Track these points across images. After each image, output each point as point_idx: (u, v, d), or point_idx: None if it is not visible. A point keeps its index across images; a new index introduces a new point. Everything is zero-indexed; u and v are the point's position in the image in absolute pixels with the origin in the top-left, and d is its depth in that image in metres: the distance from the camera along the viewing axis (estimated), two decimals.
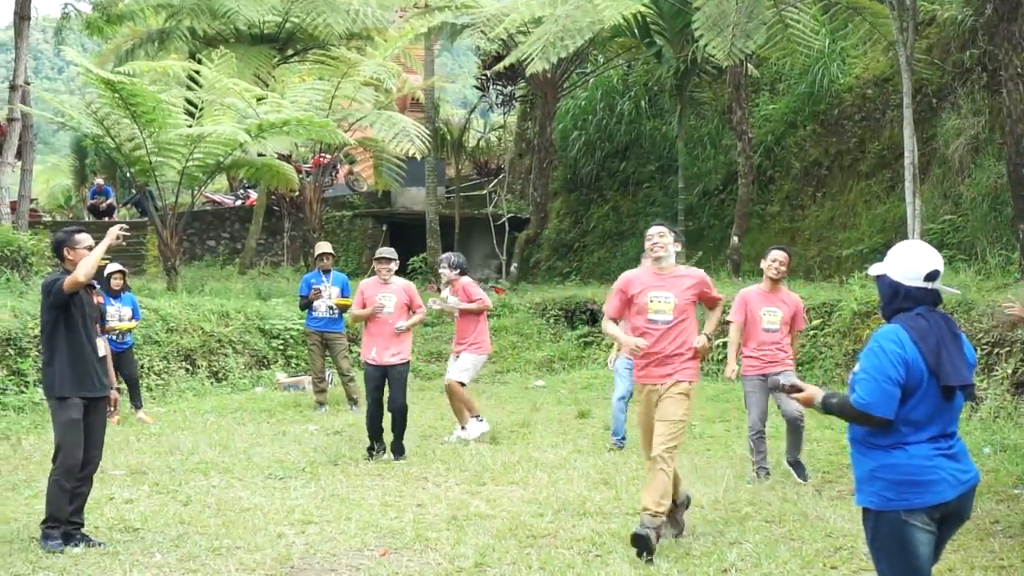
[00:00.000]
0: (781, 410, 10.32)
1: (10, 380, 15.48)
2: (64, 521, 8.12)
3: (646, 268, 8.77)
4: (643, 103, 28.35)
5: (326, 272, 16.00)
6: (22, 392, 15.34)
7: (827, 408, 4.99)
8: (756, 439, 10.42)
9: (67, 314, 8.19)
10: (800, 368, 16.85)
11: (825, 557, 7.58)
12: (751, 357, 10.45)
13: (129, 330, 15.06)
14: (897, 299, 5.01)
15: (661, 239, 8.17)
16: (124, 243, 8.46)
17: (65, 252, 8.20)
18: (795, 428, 10.25)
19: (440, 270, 13.74)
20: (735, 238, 22.04)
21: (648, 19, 22.61)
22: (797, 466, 10.38)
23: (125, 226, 8.30)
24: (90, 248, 8.21)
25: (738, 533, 8.24)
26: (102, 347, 8.41)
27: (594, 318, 21.39)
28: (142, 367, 17.11)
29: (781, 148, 24.88)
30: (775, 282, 10.57)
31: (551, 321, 22.18)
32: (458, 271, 13.41)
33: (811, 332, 16.96)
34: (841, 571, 7.32)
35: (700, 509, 9.03)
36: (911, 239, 16.30)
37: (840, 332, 16.39)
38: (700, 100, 26.93)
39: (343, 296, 15.77)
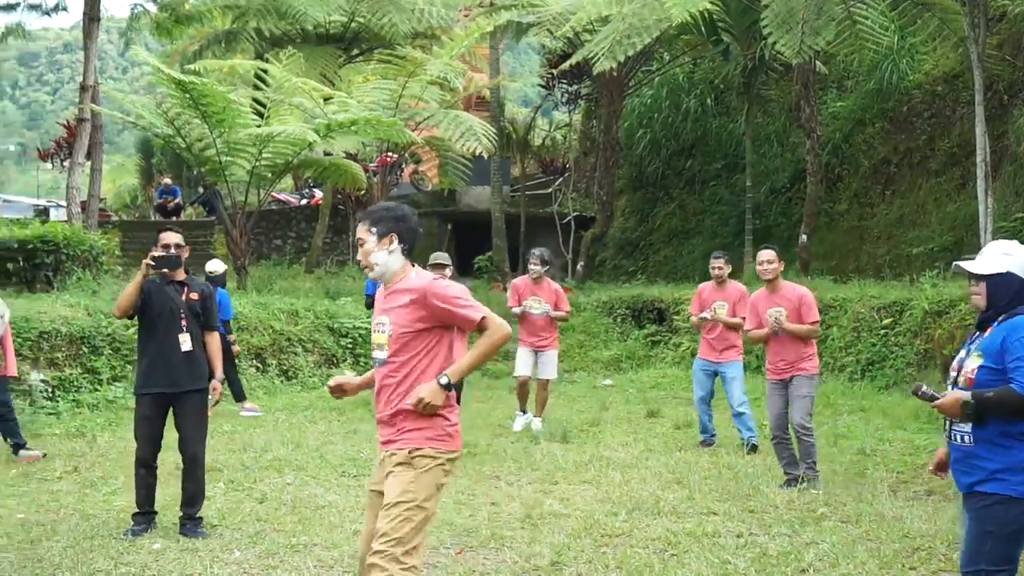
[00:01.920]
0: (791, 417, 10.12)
1: (84, 378, 15.69)
2: (142, 510, 8.45)
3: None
4: (709, 101, 28.23)
5: None
6: (96, 390, 15.55)
7: (983, 404, 5.01)
8: (775, 444, 10.24)
9: (142, 315, 8.49)
10: (871, 368, 16.75)
11: (903, 558, 7.51)
12: (769, 362, 10.27)
13: None
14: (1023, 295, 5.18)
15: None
16: (175, 252, 8.56)
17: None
18: (799, 438, 10.02)
19: (531, 266, 13.84)
20: (803, 236, 21.89)
21: (715, 16, 22.50)
22: (809, 469, 10.03)
23: (155, 255, 8.40)
24: (166, 246, 8.46)
25: (814, 533, 8.17)
26: (187, 342, 8.48)
27: (661, 317, 21.34)
28: None
29: (849, 146, 24.68)
30: (771, 282, 10.22)
31: (618, 320, 22.13)
32: (546, 268, 13.63)
33: (882, 332, 16.82)
34: (920, 572, 7.25)
35: (775, 509, 8.98)
36: (984, 237, 16.16)
37: (911, 332, 16.23)
38: (767, 97, 26.75)
39: None
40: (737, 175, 26.05)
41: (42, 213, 36.47)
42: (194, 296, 8.62)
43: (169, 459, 11.38)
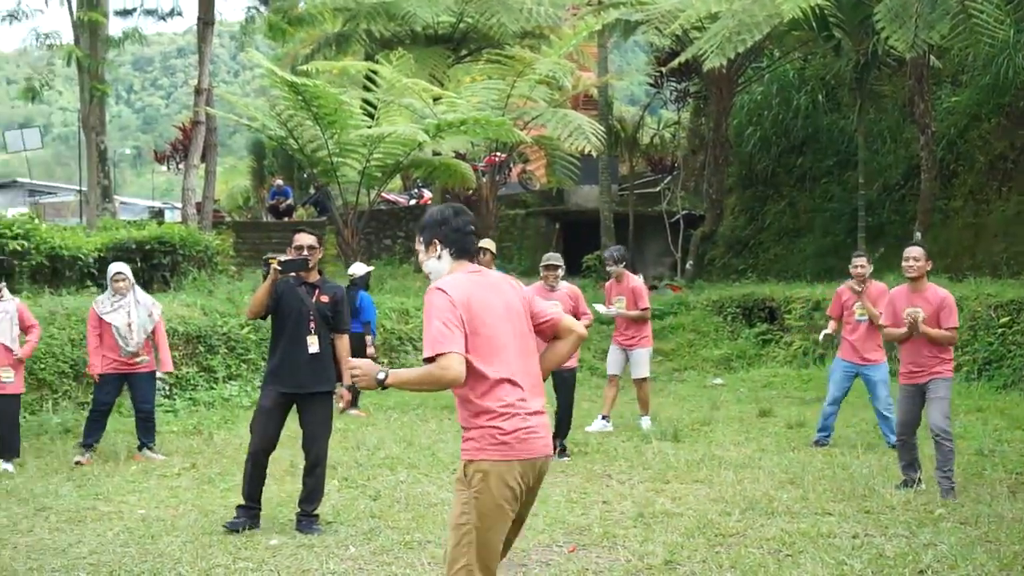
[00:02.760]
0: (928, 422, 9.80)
1: (200, 376, 16.01)
2: (246, 503, 8.60)
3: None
4: (820, 97, 27.90)
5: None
6: (212, 388, 15.86)
7: None
8: (900, 446, 9.91)
9: (274, 315, 8.68)
10: (988, 367, 16.44)
11: None
12: (903, 364, 9.89)
13: None
14: None
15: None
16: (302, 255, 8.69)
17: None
18: (937, 444, 9.65)
19: (608, 267, 13.95)
20: (918, 234, 21.50)
21: (826, 11, 22.18)
22: (944, 479, 9.57)
23: (282, 259, 8.55)
24: (299, 248, 8.63)
25: (932, 535, 8.03)
26: (315, 344, 8.58)
27: (772, 315, 21.13)
28: None
29: (964, 141, 24.22)
30: (915, 281, 9.60)
31: (728, 319, 21.96)
32: (623, 264, 13.60)
33: (999, 330, 16.49)
34: None
35: (892, 510, 8.85)
36: None
37: None
38: (880, 93, 26.31)
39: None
40: (849, 172, 25.71)
41: (157, 215, 37.19)
42: (325, 299, 8.70)
43: (284, 457, 11.58)
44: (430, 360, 4.99)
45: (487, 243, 15.66)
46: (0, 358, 11.42)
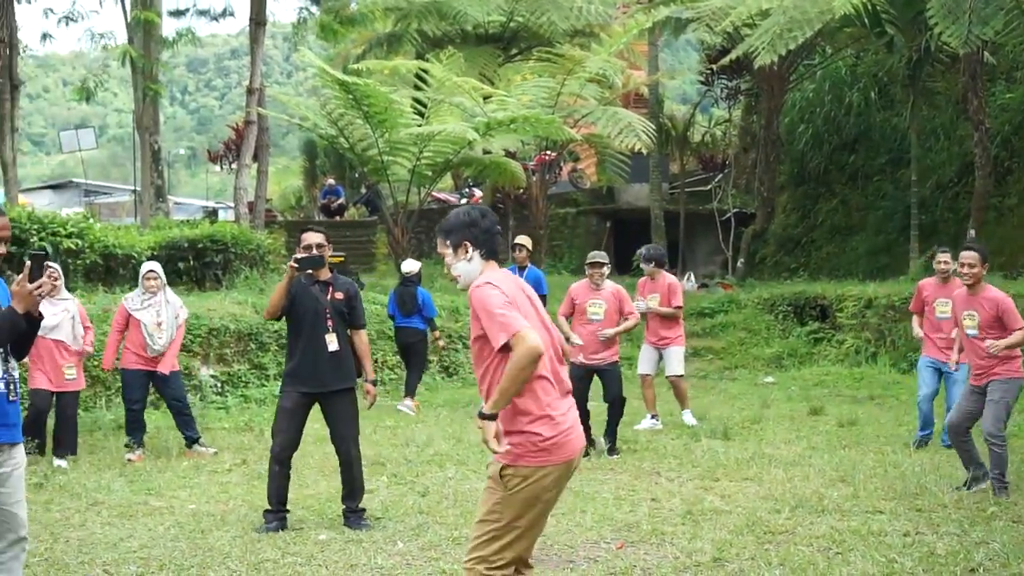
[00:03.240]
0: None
1: (252, 374, 16.13)
2: (272, 507, 8.54)
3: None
4: (873, 94, 27.66)
5: (522, 268, 14.92)
6: (263, 385, 15.97)
7: None
8: (954, 446, 9.77)
9: (289, 316, 8.67)
10: None
11: None
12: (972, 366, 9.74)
13: None
14: None
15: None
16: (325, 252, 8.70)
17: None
18: (989, 447, 9.47)
19: (642, 265, 13.96)
20: (971, 232, 21.30)
21: (879, 7, 22.00)
22: (996, 480, 9.39)
23: (297, 256, 8.51)
24: (308, 247, 8.55)
25: (984, 533, 7.95)
26: (334, 342, 8.57)
27: (824, 314, 20.98)
28: (375, 361, 17.60)
29: (1019, 138, 23.95)
30: (972, 284, 9.45)
31: (779, 317, 21.79)
32: (653, 264, 13.52)
33: None
34: None
35: (943, 508, 8.77)
36: None
37: None
38: (933, 90, 26.06)
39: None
40: (902, 170, 25.49)
41: (211, 214, 37.43)
42: (339, 296, 8.68)
43: (322, 452, 11.64)
44: (505, 349, 4.99)
45: (523, 239, 15.65)
46: (64, 356, 11.55)
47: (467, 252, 5.30)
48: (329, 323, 8.59)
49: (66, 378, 11.59)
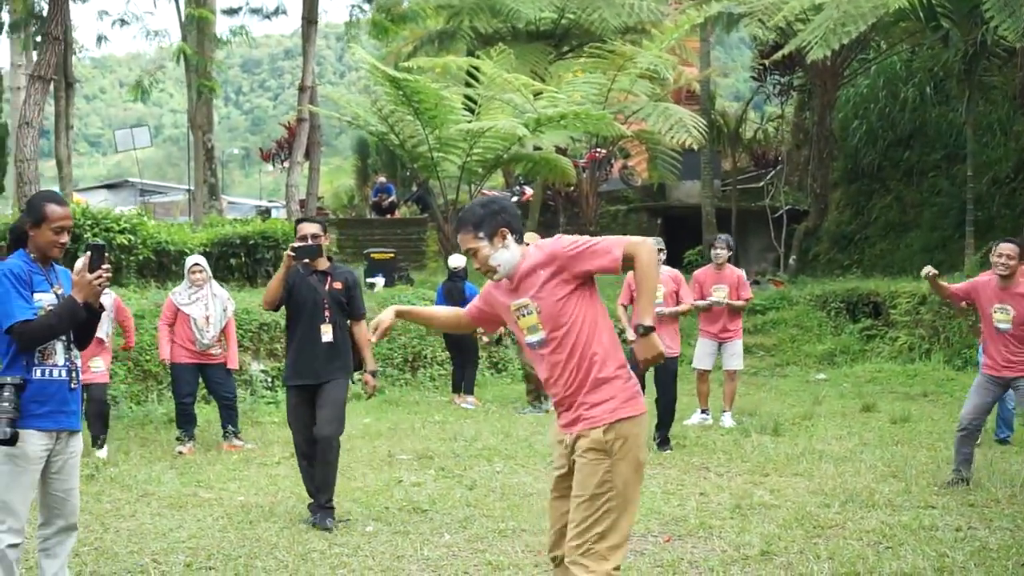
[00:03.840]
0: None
1: None
2: (314, 499, 8.49)
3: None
4: (928, 89, 27.35)
5: None
6: None
7: None
8: (961, 436, 9.56)
9: (287, 306, 8.64)
10: None
11: None
12: (988, 356, 9.55)
13: None
14: None
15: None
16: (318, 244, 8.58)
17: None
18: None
19: (718, 250, 13.40)
20: None
21: (934, 1, 21.78)
22: None
23: (295, 245, 8.44)
24: (303, 237, 8.49)
25: None
26: (328, 333, 8.52)
27: (877, 311, 20.79)
28: (424, 357, 17.65)
29: None
30: (1005, 277, 9.27)
31: (832, 314, 21.62)
32: (729, 251, 13.34)
33: None
34: None
35: (996, 503, 8.68)
36: None
37: None
38: (990, 84, 25.74)
39: None
40: (957, 165, 25.19)
41: (264, 213, 37.64)
42: (337, 285, 8.62)
43: (382, 447, 11.68)
44: (628, 261, 4.98)
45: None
46: (93, 349, 11.56)
47: (505, 239, 5.20)
48: (326, 313, 8.54)
49: (92, 370, 11.60)
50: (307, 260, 8.47)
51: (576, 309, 5.08)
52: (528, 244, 5.30)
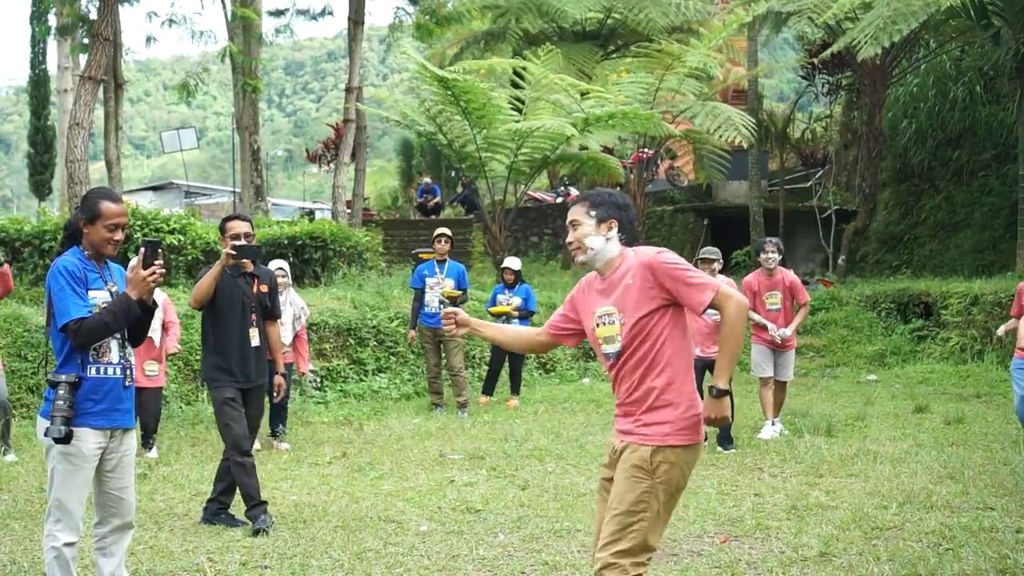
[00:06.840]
0: None
1: (351, 369, 16.25)
2: (253, 498, 8.28)
3: None
4: (978, 88, 27.06)
5: (440, 262, 14.84)
6: (362, 380, 16.08)
7: None
8: None
9: (211, 307, 8.35)
10: None
11: None
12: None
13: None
14: None
15: None
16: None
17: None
18: None
19: (768, 255, 12.75)
20: None
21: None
22: None
23: (236, 244, 8.21)
24: (236, 236, 8.30)
25: None
26: (256, 336, 8.42)
27: (928, 311, 20.60)
28: (473, 357, 17.63)
29: None
30: None
31: (882, 315, 21.44)
32: (780, 255, 12.92)
33: None
34: None
35: None
36: None
37: None
38: None
39: (458, 288, 14.43)
40: (1008, 165, 24.92)
41: (308, 215, 37.78)
42: (264, 288, 8.56)
43: (432, 447, 11.67)
44: (714, 304, 4.94)
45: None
46: (145, 350, 11.57)
47: (611, 230, 5.15)
48: (253, 317, 8.43)
49: (147, 374, 11.62)
50: (244, 260, 8.32)
51: (656, 327, 5.02)
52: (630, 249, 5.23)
